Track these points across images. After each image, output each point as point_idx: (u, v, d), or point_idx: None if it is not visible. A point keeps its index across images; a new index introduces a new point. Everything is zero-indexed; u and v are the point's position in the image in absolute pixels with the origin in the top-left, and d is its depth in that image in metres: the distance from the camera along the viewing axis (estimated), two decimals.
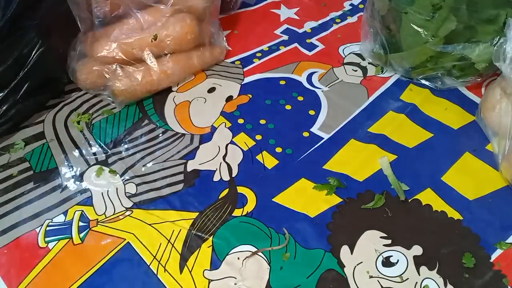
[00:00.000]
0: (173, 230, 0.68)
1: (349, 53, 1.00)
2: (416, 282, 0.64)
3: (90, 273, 0.64)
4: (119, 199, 0.73)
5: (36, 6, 0.78)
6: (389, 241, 0.68)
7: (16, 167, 0.76)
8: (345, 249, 0.67)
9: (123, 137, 0.82)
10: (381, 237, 0.68)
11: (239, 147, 0.81)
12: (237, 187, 0.74)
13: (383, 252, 0.67)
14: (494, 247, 0.67)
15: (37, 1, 0.78)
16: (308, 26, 1.07)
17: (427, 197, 0.73)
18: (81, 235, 0.68)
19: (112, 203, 0.72)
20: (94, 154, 0.79)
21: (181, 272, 0.64)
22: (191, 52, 0.90)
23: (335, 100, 0.89)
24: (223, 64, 0.97)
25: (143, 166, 0.77)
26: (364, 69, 0.96)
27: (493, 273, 0.65)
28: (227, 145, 0.81)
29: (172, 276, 0.64)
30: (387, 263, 0.65)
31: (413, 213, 0.71)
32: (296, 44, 1.02)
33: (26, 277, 0.63)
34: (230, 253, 0.66)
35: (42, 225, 0.69)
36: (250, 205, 0.72)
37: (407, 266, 0.65)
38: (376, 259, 0.66)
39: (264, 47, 1.01)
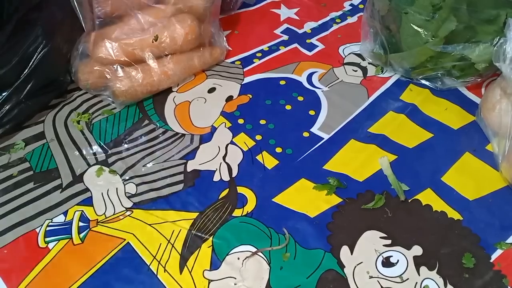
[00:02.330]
0: (173, 230, 0.68)
1: (349, 53, 1.00)
2: (416, 282, 0.64)
3: (90, 273, 0.64)
4: (119, 199, 0.73)
5: (41, 6, 0.78)
6: (389, 241, 0.68)
7: (16, 167, 0.76)
8: (345, 249, 0.67)
9: (123, 137, 0.82)
10: (381, 237, 0.68)
11: (239, 147, 0.81)
12: (237, 187, 0.74)
13: (383, 252, 0.67)
14: (494, 247, 0.67)
15: (42, 1, 0.78)
16: (308, 26, 1.07)
17: (427, 197, 0.73)
18: (81, 235, 0.68)
19: (112, 203, 0.72)
20: (94, 154, 0.79)
21: (181, 272, 0.64)
22: (192, 52, 0.90)
23: (335, 100, 0.89)
24: (223, 64, 0.97)
25: (143, 166, 0.77)
26: (364, 69, 0.96)
27: (493, 273, 0.64)
28: (227, 145, 0.81)
29: (172, 276, 0.64)
30: (387, 263, 0.65)
31: (413, 213, 0.71)
32: (296, 44, 1.02)
33: (26, 277, 0.63)
34: (230, 253, 0.66)
35: (42, 225, 0.69)
36: (250, 205, 0.72)
37: (407, 266, 0.65)
38: (376, 259, 0.66)
39: (264, 47, 1.01)
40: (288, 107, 0.88)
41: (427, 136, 0.83)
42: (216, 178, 0.76)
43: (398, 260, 0.66)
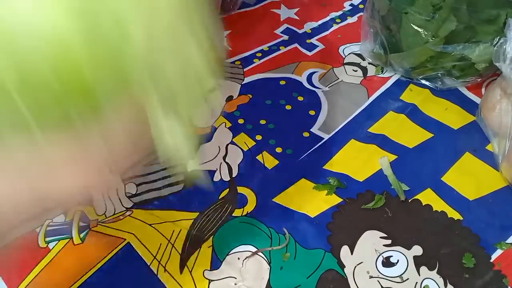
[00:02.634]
0: (173, 230, 0.68)
1: (349, 53, 1.00)
2: (416, 282, 0.64)
3: (90, 273, 0.64)
4: (119, 199, 0.73)
5: None
6: (389, 241, 0.68)
7: None
8: (345, 249, 0.67)
9: None
10: (381, 237, 0.68)
11: (239, 147, 0.81)
12: (237, 187, 0.74)
13: (383, 252, 0.67)
14: (494, 247, 0.67)
15: None
16: (308, 26, 1.07)
17: (427, 197, 0.73)
18: (81, 235, 0.68)
19: (112, 203, 0.72)
20: None
21: (181, 272, 0.64)
22: None
23: (335, 100, 0.89)
24: (223, 64, 0.97)
25: (143, 166, 0.77)
26: (364, 69, 0.96)
27: (493, 273, 0.65)
28: (227, 145, 0.81)
29: (172, 276, 0.64)
30: (387, 263, 0.65)
31: (413, 213, 0.71)
32: (296, 44, 1.02)
33: (26, 277, 0.63)
34: (230, 253, 0.66)
35: (42, 225, 0.69)
36: (250, 205, 0.72)
37: (407, 266, 0.65)
38: (376, 259, 0.66)
39: (264, 47, 1.01)
40: (288, 107, 0.88)
41: (427, 136, 0.83)
42: (216, 178, 0.76)
43: (398, 260, 0.66)
